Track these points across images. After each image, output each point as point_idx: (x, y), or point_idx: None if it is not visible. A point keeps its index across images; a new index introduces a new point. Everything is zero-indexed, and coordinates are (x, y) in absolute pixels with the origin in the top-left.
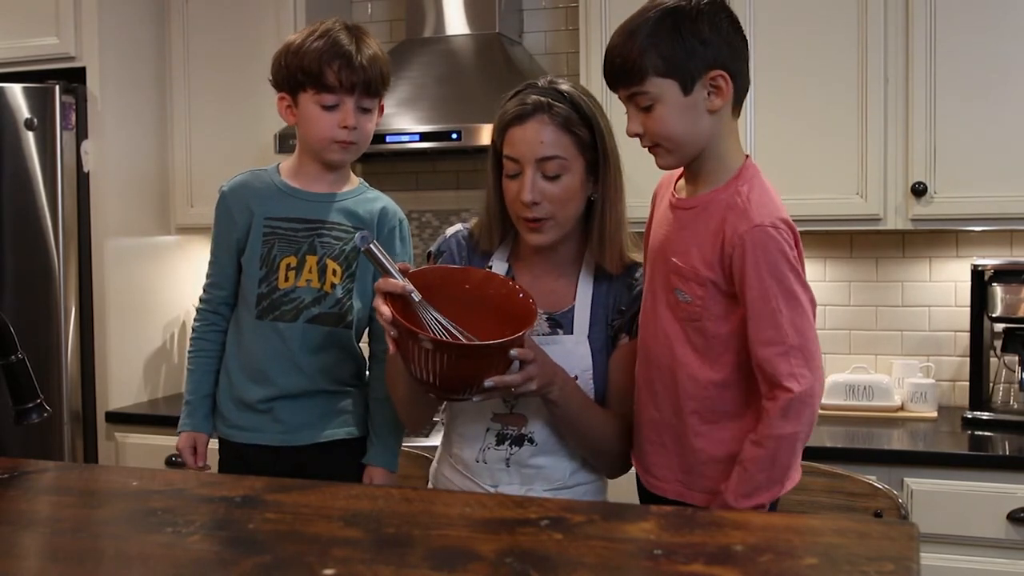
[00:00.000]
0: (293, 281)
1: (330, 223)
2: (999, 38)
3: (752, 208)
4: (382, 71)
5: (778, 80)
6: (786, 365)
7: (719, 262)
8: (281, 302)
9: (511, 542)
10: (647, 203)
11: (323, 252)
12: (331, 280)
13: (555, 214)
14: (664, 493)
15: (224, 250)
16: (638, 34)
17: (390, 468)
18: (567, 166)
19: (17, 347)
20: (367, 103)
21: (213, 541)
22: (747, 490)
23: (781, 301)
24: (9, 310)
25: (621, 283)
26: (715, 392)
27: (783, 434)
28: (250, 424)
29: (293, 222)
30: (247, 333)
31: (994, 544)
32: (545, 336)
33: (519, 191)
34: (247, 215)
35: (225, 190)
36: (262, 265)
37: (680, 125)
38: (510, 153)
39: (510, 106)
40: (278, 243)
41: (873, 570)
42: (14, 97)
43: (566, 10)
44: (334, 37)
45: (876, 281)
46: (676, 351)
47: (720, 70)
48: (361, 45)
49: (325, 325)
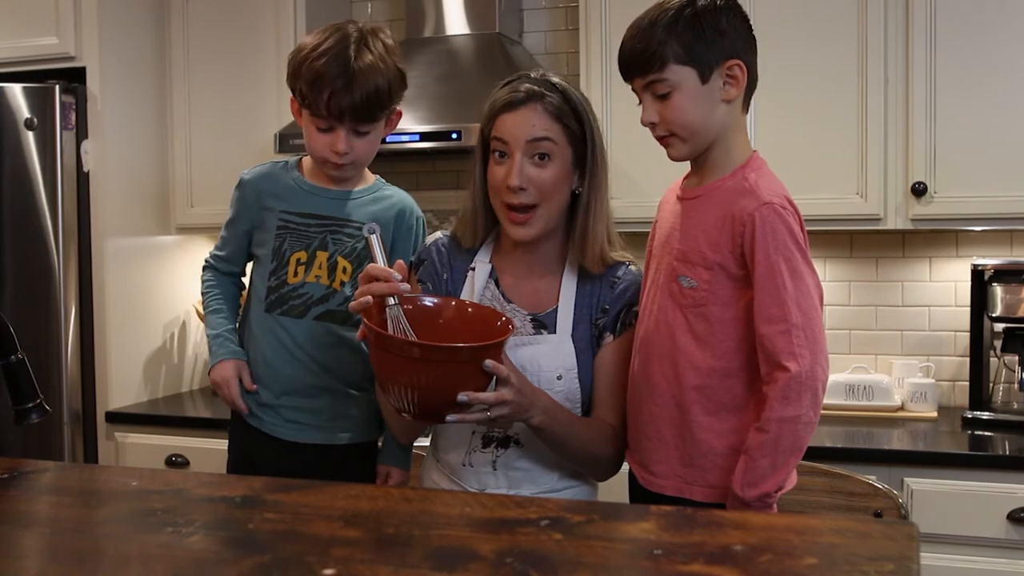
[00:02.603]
0: (302, 276)
1: (344, 220)
2: (999, 38)
3: (760, 189)
4: (382, 95)
5: (778, 80)
6: (786, 344)
7: (728, 243)
8: (289, 297)
9: (511, 542)
10: (646, 203)
11: (335, 249)
12: (340, 278)
13: (540, 202)
14: (663, 490)
15: (236, 233)
16: (658, 24)
17: (404, 467)
18: (555, 151)
19: (17, 347)
20: (363, 127)
21: (213, 541)
22: (752, 478)
23: (787, 278)
24: (9, 310)
25: (604, 282)
26: (717, 380)
27: (784, 416)
28: (260, 415)
29: (307, 217)
30: (256, 328)
31: (994, 544)
32: (529, 336)
33: (506, 175)
34: (262, 207)
35: (245, 178)
36: (273, 258)
37: (696, 113)
38: (499, 136)
39: (502, 93)
40: (290, 237)
41: (873, 570)
42: (14, 97)
43: (566, 10)
44: (335, 58)
45: (876, 281)
46: (678, 340)
47: (736, 60)
48: (361, 68)
49: (333, 323)
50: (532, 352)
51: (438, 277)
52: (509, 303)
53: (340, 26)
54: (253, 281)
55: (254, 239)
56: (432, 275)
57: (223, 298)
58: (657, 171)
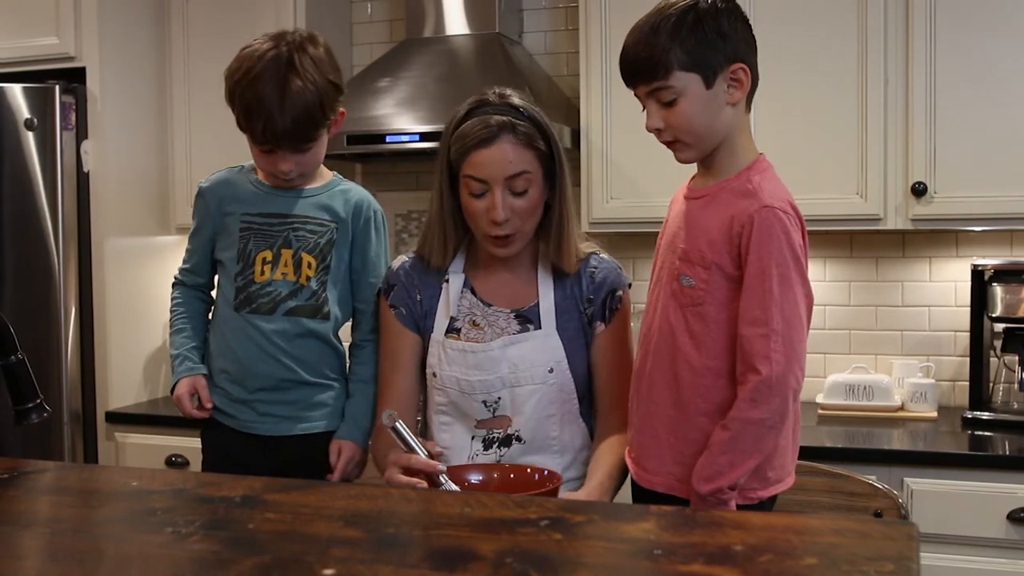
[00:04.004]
0: (269, 275)
1: (304, 217)
2: (999, 38)
3: (763, 192)
4: (314, 115)
5: (778, 80)
6: (763, 347)
7: (726, 243)
8: (258, 295)
9: (511, 542)
10: (646, 203)
11: (298, 246)
12: (306, 273)
13: (522, 227)
14: (653, 487)
15: (201, 243)
16: (661, 30)
17: (358, 442)
18: (532, 179)
19: (17, 347)
20: (302, 147)
21: (213, 541)
22: (709, 473)
23: (775, 284)
24: (9, 310)
25: (582, 275)
26: (711, 380)
27: (748, 418)
28: (234, 413)
29: (268, 217)
30: (227, 327)
31: (994, 544)
32: (516, 335)
33: (488, 210)
34: (223, 212)
35: (204, 187)
36: (239, 259)
37: (702, 118)
38: (476, 175)
39: (472, 129)
40: (253, 238)
41: (873, 570)
42: (14, 97)
43: (566, 10)
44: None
45: (876, 281)
46: (677, 338)
47: (740, 63)
48: (289, 94)
49: (302, 317)
50: (521, 350)
51: (411, 300)
52: (489, 307)
53: (271, 46)
54: (220, 285)
55: (217, 245)
56: (405, 299)
57: (187, 316)
58: (657, 171)
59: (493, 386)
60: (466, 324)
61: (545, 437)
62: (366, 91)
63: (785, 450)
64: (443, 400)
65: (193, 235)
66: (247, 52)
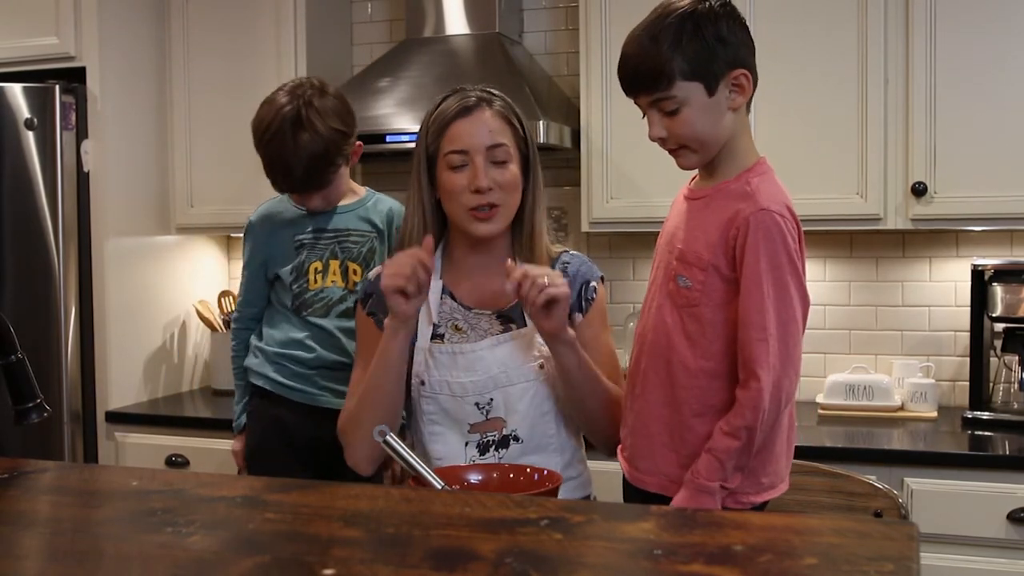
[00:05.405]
0: (321, 283)
1: (347, 230)
2: (999, 38)
3: (760, 195)
4: (324, 164)
5: (778, 80)
6: (763, 353)
7: (723, 245)
8: (313, 300)
9: (511, 542)
10: (646, 203)
11: (344, 256)
12: (353, 279)
13: (504, 201)
14: (645, 486)
15: (253, 269)
16: (661, 40)
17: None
18: (511, 154)
19: (17, 347)
20: (318, 190)
21: (213, 541)
22: (721, 476)
23: (771, 287)
24: (9, 310)
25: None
26: (706, 382)
27: (754, 425)
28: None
29: (317, 233)
30: (284, 319)
31: (994, 544)
32: (500, 336)
33: (470, 180)
34: (275, 239)
35: (253, 220)
36: (293, 271)
37: (705, 125)
38: (455, 147)
39: (450, 104)
40: (306, 251)
41: (873, 570)
42: (14, 97)
43: (566, 10)
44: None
45: (876, 281)
46: (672, 339)
47: (741, 68)
48: (297, 149)
49: (351, 318)
50: (509, 349)
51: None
52: (470, 310)
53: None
54: (276, 292)
55: (269, 267)
56: (383, 307)
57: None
58: (657, 171)
59: (485, 386)
60: (449, 329)
61: (543, 435)
62: (366, 91)
63: (779, 456)
64: (433, 409)
65: (247, 264)
66: (267, 107)
